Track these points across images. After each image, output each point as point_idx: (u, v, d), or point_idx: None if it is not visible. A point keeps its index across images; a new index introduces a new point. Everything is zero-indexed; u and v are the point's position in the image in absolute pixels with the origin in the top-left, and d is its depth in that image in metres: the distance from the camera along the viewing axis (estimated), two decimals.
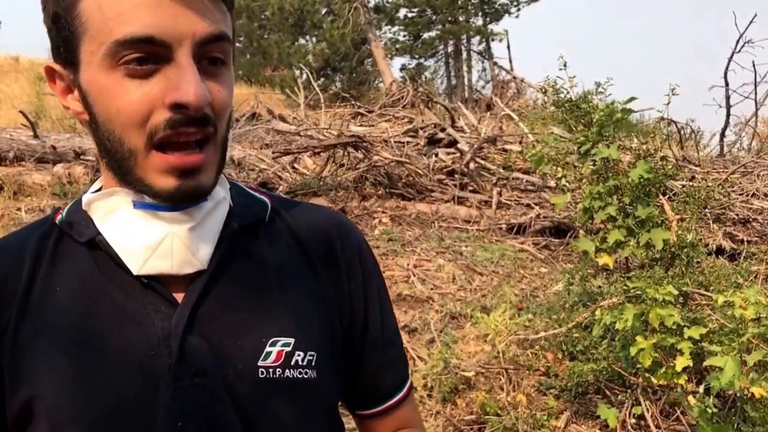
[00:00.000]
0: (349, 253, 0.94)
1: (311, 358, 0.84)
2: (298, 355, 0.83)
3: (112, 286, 0.81)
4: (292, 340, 0.84)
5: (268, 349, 0.82)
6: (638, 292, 2.93)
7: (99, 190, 0.87)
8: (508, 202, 7.06)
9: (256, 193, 0.96)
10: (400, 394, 1.01)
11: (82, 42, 0.76)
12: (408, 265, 5.24)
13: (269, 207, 0.93)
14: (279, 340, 0.83)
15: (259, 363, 0.81)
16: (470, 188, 7.36)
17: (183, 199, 0.79)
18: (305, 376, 0.83)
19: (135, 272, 0.80)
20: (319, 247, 0.93)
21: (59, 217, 0.88)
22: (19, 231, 0.90)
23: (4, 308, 0.81)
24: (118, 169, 0.80)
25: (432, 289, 4.88)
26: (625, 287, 3.13)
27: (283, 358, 0.82)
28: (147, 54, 0.73)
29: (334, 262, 0.93)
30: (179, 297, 0.82)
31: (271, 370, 0.81)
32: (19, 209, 5.80)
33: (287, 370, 0.82)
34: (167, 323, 0.80)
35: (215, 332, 0.81)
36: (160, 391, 0.78)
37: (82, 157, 7.05)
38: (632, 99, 3.69)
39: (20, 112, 7.75)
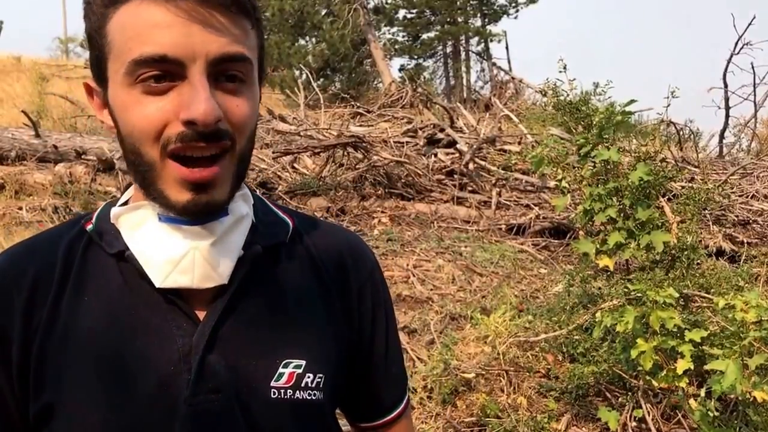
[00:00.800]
0: (361, 277, 0.98)
1: (320, 380, 0.88)
2: (308, 377, 0.87)
3: (138, 300, 0.84)
4: (303, 362, 0.87)
5: (281, 370, 0.86)
6: (639, 295, 2.93)
7: (126, 203, 0.90)
8: (508, 203, 7.06)
9: (280, 212, 0.98)
10: (399, 409, 1.05)
11: (109, 60, 0.80)
12: (407, 265, 5.24)
13: (291, 228, 0.96)
14: (291, 362, 0.86)
15: (272, 383, 0.85)
16: (469, 188, 7.37)
17: (197, 212, 0.81)
18: (313, 398, 0.87)
19: (157, 285, 0.83)
20: (333, 269, 0.96)
21: (89, 226, 0.90)
22: (48, 232, 0.92)
23: (36, 309, 0.83)
24: (142, 181, 0.82)
25: (431, 289, 4.88)
26: (625, 289, 3.13)
27: (294, 380, 0.86)
28: (163, 71, 0.76)
29: (346, 285, 0.96)
30: (201, 314, 0.85)
31: (282, 390, 0.85)
32: (20, 208, 5.80)
33: (297, 392, 0.86)
34: (188, 340, 0.83)
35: (232, 351, 0.84)
36: (177, 406, 0.81)
37: (83, 156, 7.05)
38: (632, 101, 3.69)
39: (22, 111, 7.76)
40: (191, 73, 0.76)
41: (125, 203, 0.90)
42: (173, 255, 0.83)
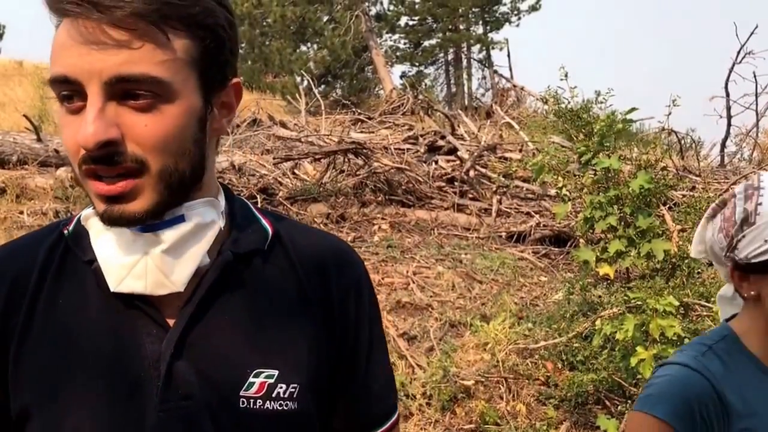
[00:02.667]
0: (345, 285, 0.95)
1: (293, 390, 0.86)
2: (281, 387, 0.85)
3: (110, 306, 0.84)
4: (276, 372, 0.85)
5: (251, 379, 0.84)
6: (639, 303, 2.93)
7: None
8: (508, 210, 7.06)
9: (262, 219, 0.96)
10: (387, 425, 1.01)
11: None
12: (407, 272, 5.24)
13: (270, 235, 0.93)
14: (263, 372, 0.85)
15: (241, 393, 0.84)
16: (470, 196, 7.37)
17: (113, 222, 0.80)
18: (285, 408, 0.85)
19: (112, 289, 0.82)
20: (314, 277, 0.93)
21: (67, 230, 0.90)
22: (28, 236, 0.93)
23: (13, 312, 0.84)
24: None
25: (431, 296, 4.88)
26: (625, 297, 3.13)
27: (265, 390, 0.84)
28: (70, 92, 0.77)
29: (328, 294, 0.93)
30: (171, 321, 0.84)
31: (252, 400, 0.84)
32: (21, 212, 5.81)
33: (268, 402, 0.84)
34: (158, 346, 0.82)
35: (202, 358, 0.83)
36: (147, 412, 0.81)
37: None
38: (633, 110, 3.70)
39: (24, 115, 7.75)
40: (89, 94, 0.76)
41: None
42: (127, 260, 0.82)
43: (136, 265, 0.82)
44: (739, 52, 9.59)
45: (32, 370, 0.82)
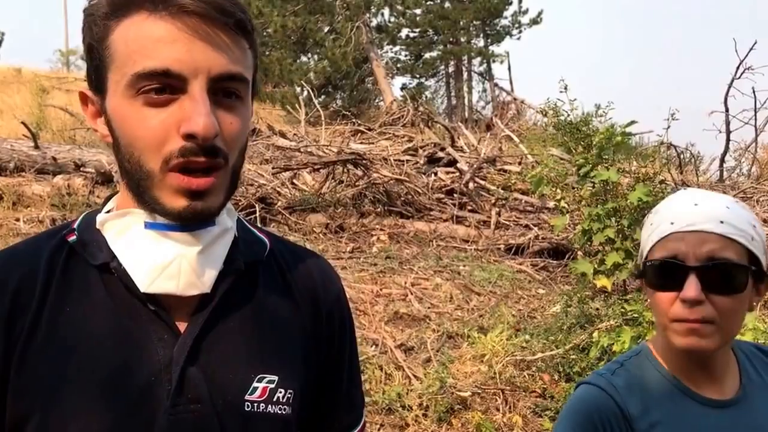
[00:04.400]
0: (330, 301, 1.01)
1: (290, 395, 0.90)
2: (280, 392, 0.90)
3: (120, 311, 0.85)
4: (276, 378, 0.90)
5: (255, 384, 0.88)
6: (635, 315, 2.92)
7: (111, 210, 0.91)
8: (507, 223, 7.06)
9: (257, 231, 1.01)
10: (359, 426, 1.08)
11: (110, 71, 0.82)
12: (405, 283, 5.23)
13: (267, 248, 0.98)
14: (265, 377, 0.89)
15: (246, 397, 0.87)
16: (469, 208, 7.37)
17: (191, 218, 0.83)
18: (283, 412, 0.89)
19: (143, 289, 0.84)
20: (304, 291, 0.99)
21: (72, 237, 0.90)
22: (29, 241, 0.93)
23: (17, 318, 0.83)
24: (136, 188, 0.84)
25: (429, 307, 4.86)
26: (622, 310, 3.12)
27: (267, 394, 0.88)
28: (164, 85, 0.79)
29: (316, 308, 0.99)
30: (181, 327, 0.86)
31: (255, 404, 0.87)
32: (18, 219, 5.79)
33: (269, 406, 0.88)
34: (169, 351, 0.84)
35: (211, 363, 0.86)
36: (157, 415, 0.82)
37: (82, 168, 7.05)
38: (632, 122, 3.71)
39: (22, 122, 7.76)
40: (192, 88, 0.79)
41: (108, 212, 0.91)
42: (161, 261, 0.84)
43: (170, 265, 0.84)
44: (738, 68, 9.63)
45: (37, 377, 0.81)
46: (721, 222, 1.08)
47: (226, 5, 0.81)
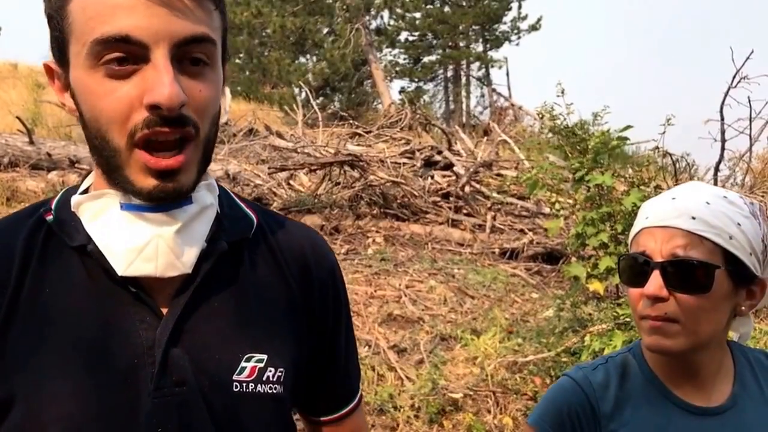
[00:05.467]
0: (323, 275, 0.98)
1: (281, 374, 0.89)
2: (270, 371, 0.88)
3: (101, 293, 0.83)
4: (265, 357, 0.88)
5: (243, 364, 0.86)
6: (627, 319, 2.93)
7: (86, 190, 0.88)
8: (502, 227, 7.06)
9: (244, 206, 0.98)
10: (353, 404, 1.07)
11: (70, 42, 0.78)
12: (400, 285, 5.23)
13: (255, 224, 0.95)
14: (253, 356, 0.87)
15: (234, 377, 0.85)
16: (465, 211, 7.37)
17: (163, 198, 0.80)
18: (274, 391, 0.88)
19: (120, 273, 0.81)
20: (295, 267, 0.96)
21: (49, 216, 0.87)
22: (6, 220, 0.90)
23: None
24: (106, 166, 0.81)
25: (423, 310, 4.86)
26: (614, 314, 3.13)
27: (256, 374, 0.87)
28: (126, 54, 0.75)
29: (308, 283, 0.96)
30: (164, 309, 0.84)
31: (244, 384, 0.86)
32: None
33: (259, 385, 0.87)
34: (152, 333, 0.82)
35: (195, 345, 0.84)
36: (141, 398, 0.80)
37: (77, 165, 7.04)
38: (628, 127, 3.72)
39: (17, 117, 7.75)
40: (155, 56, 0.75)
41: (85, 191, 0.88)
42: (136, 243, 0.81)
43: (146, 247, 0.81)
44: (734, 77, 9.66)
45: (17, 358, 0.79)
46: (693, 218, 1.05)
47: None
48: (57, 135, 9.44)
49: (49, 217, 0.87)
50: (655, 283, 1.04)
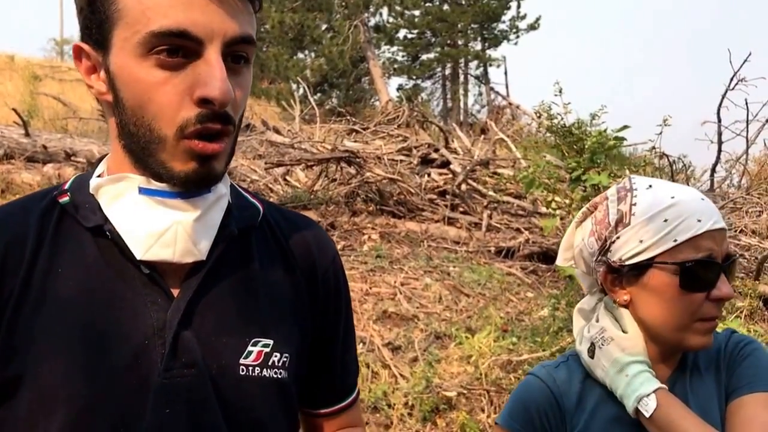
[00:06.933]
0: (325, 264, 1.01)
1: (285, 359, 0.90)
2: (275, 356, 0.89)
3: (113, 273, 0.84)
4: (271, 342, 0.89)
5: (249, 348, 0.88)
6: None
7: (100, 175, 0.89)
8: (498, 226, 7.06)
9: (249, 196, 1.00)
10: (351, 398, 1.08)
11: (116, 27, 0.79)
12: (395, 282, 5.22)
13: (261, 213, 0.98)
14: (260, 341, 0.89)
15: (241, 361, 0.87)
16: (461, 209, 7.37)
17: (197, 182, 0.83)
18: (278, 376, 0.89)
19: (138, 257, 0.83)
20: (299, 255, 0.99)
21: (64, 198, 0.88)
22: (17, 202, 0.91)
23: (7, 279, 0.82)
24: (140, 152, 0.82)
25: (418, 307, 4.86)
26: None
27: (262, 358, 0.88)
28: (178, 47, 0.77)
29: (312, 271, 0.99)
30: (174, 291, 0.86)
31: (250, 368, 0.87)
32: None
33: (265, 370, 0.88)
34: (163, 315, 0.84)
35: (205, 328, 0.86)
36: (151, 378, 0.82)
37: (72, 158, 7.02)
38: (625, 127, 3.72)
39: (13, 109, 7.72)
40: (208, 51, 0.78)
41: (100, 176, 0.89)
42: (156, 228, 0.83)
43: (165, 233, 0.83)
44: (732, 79, 9.66)
45: (28, 338, 0.81)
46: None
47: None
48: (53, 127, 9.41)
49: (64, 199, 0.88)
50: (727, 284, 1.07)
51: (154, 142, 0.80)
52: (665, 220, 1.06)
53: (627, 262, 1.10)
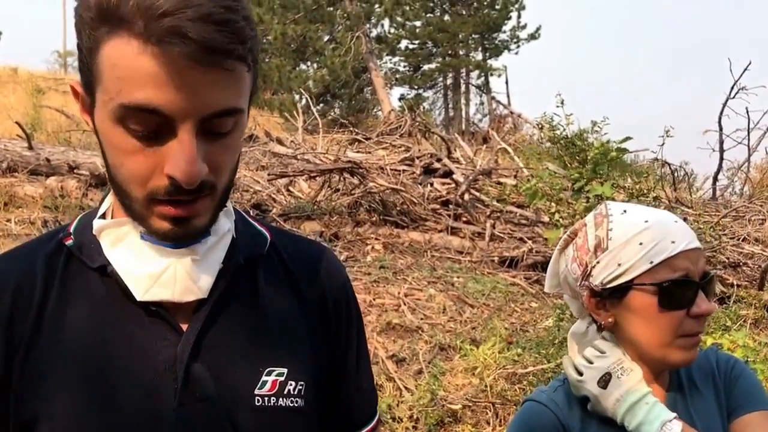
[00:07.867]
0: (335, 290, 1.00)
1: (301, 387, 0.89)
2: (291, 385, 0.88)
3: (122, 313, 0.85)
4: (285, 370, 0.88)
5: (264, 378, 0.87)
6: None
7: (104, 215, 0.90)
8: (501, 235, 7.05)
9: (257, 225, 1.00)
10: (369, 426, 1.05)
11: (97, 89, 0.78)
12: (399, 293, 5.21)
13: (268, 241, 0.97)
14: (274, 370, 0.88)
15: (256, 391, 0.86)
16: (464, 219, 7.36)
17: (176, 239, 0.82)
18: (295, 405, 0.88)
19: (138, 298, 0.83)
20: (309, 282, 0.97)
21: (69, 241, 0.89)
22: (24, 246, 0.92)
23: (18, 322, 0.83)
24: (123, 202, 0.83)
25: (422, 319, 4.84)
26: None
27: (277, 387, 0.87)
28: (152, 123, 0.75)
29: (322, 298, 0.98)
30: (183, 326, 0.86)
31: (266, 398, 0.86)
32: (9, 220, 5.76)
33: (281, 399, 0.87)
34: (173, 350, 0.84)
35: (216, 360, 0.85)
36: (164, 414, 0.82)
37: (75, 171, 7.03)
38: (627, 138, 3.72)
39: (16, 122, 7.74)
40: (180, 130, 0.75)
41: (103, 215, 0.90)
42: (154, 269, 0.84)
43: (163, 273, 0.83)
44: (732, 88, 9.67)
45: (41, 381, 0.81)
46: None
47: (224, 41, 0.72)
48: (56, 140, 9.43)
49: (69, 242, 0.89)
50: (706, 300, 1.12)
51: (131, 201, 0.80)
52: (640, 243, 1.12)
53: (608, 285, 1.15)
